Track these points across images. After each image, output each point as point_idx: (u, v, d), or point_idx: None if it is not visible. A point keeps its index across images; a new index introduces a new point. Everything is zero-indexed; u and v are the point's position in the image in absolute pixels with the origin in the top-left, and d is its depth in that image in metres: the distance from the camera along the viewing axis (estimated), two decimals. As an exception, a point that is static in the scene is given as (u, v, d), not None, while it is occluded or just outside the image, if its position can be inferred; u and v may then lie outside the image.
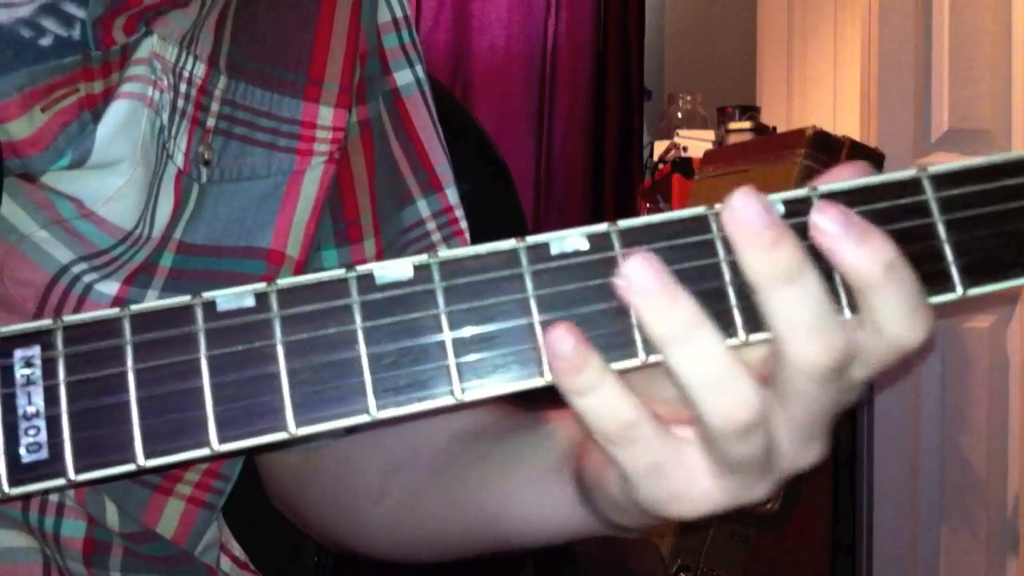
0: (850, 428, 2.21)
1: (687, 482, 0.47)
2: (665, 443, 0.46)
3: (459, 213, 0.79)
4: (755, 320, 0.44)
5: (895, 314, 0.44)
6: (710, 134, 2.85)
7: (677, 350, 0.43)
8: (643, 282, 0.42)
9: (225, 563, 0.77)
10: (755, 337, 0.44)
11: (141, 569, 0.67)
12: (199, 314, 0.44)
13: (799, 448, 0.47)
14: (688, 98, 3.20)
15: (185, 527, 0.71)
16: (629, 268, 0.43)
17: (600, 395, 0.44)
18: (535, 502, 0.60)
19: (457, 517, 0.66)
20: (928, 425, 2.23)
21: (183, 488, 0.71)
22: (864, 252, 0.43)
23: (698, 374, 0.43)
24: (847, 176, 0.47)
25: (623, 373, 0.45)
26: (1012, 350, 2.13)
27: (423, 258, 0.44)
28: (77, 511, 0.64)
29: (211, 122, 0.68)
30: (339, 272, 0.44)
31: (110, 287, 0.63)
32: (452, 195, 0.79)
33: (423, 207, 0.78)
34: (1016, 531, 2.04)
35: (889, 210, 0.45)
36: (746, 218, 0.43)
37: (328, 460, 0.74)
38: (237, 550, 0.79)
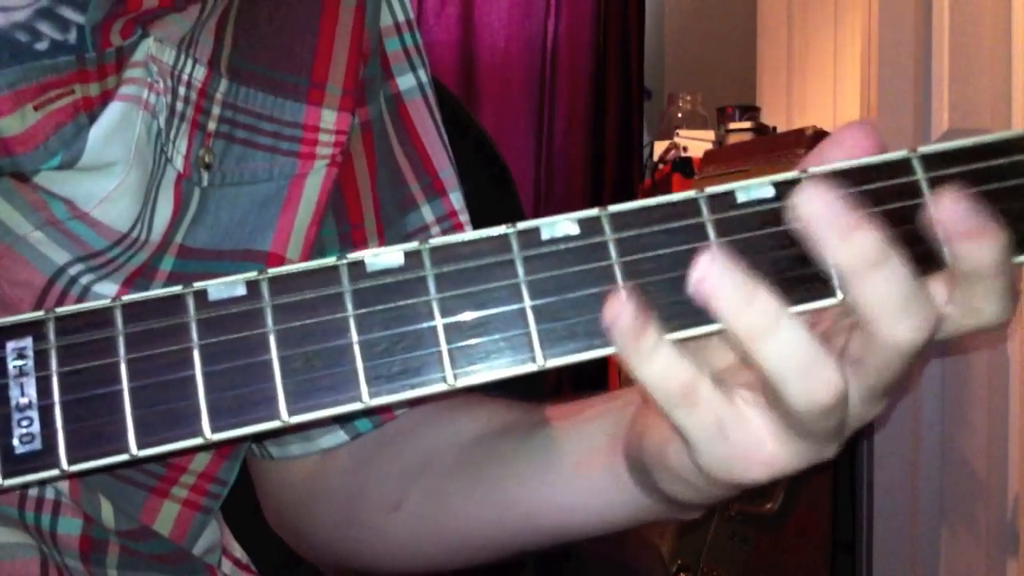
0: (850, 428, 2.21)
1: (753, 444, 0.47)
2: (727, 403, 0.46)
3: (464, 218, 0.79)
4: None
5: (992, 299, 0.45)
6: (710, 134, 2.85)
7: (763, 344, 0.43)
8: (718, 286, 0.43)
9: (227, 565, 0.77)
10: None
11: (139, 567, 0.67)
12: (191, 303, 0.44)
13: (867, 407, 0.48)
14: (688, 98, 3.20)
15: (181, 529, 0.71)
16: (702, 270, 0.43)
17: (659, 359, 0.44)
18: (584, 490, 0.60)
19: (487, 515, 0.66)
20: (928, 425, 2.22)
21: (178, 491, 0.70)
22: (982, 249, 0.44)
23: (785, 363, 0.43)
24: (852, 136, 0.47)
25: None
26: (1012, 350, 2.13)
27: (414, 245, 0.44)
28: (73, 509, 0.63)
29: (212, 125, 0.68)
30: (330, 260, 0.44)
31: (108, 289, 0.63)
32: (456, 200, 0.79)
33: (427, 212, 0.77)
34: (1016, 531, 2.03)
35: (880, 191, 0.45)
36: (820, 210, 0.43)
37: (335, 477, 0.74)
38: (238, 551, 0.79)
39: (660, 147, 2.93)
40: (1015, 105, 2.15)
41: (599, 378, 2.98)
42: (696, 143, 2.74)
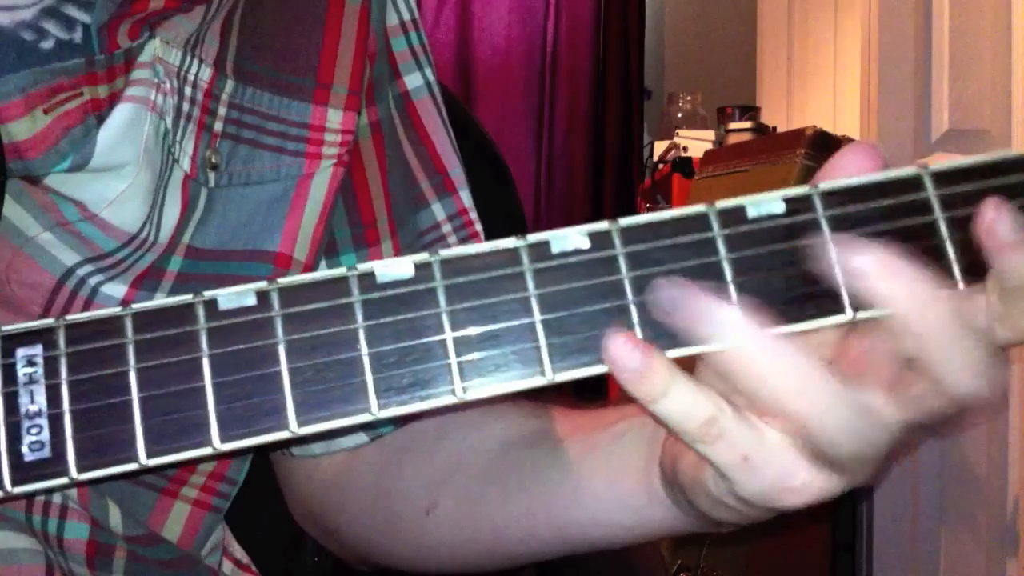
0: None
1: (784, 475, 0.46)
2: (751, 435, 0.46)
3: (474, 215, 0.79)
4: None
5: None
6: (710, 134, 2.85)
7: (759, 365, 0.43)
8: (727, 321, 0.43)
9: (227, 566, 0.77)
10: None
11: (144, 572, 0.67)
12: (201, 313, 0.44)
13: (908, 438, 0.47)
14: (688, 98, 3.21)
15: (191, 530, 0.71)
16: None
17: (673, 397, 0.44)
18: (619, 505, 0.60)
19: (521, 524, 0.65)
20: (928, 425, 2.22)
21: (188, 491, 0.71)
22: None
23: (815, 412, 0.44)
24: (855, 160, 0.47)
25: (695, 370, 0.46)
26: (1012, 350, 2.13)
27: (424, 256, 0.44)
28: (80, 513, 0.64)
29: (218, 126, 0.68)
30: (340, 271, 0.44)
31: (117, 289, 0.63)
32: (466, 197, 0.79)
33: (438, 210, 0.78)
34: (1016, 531, 2.04)
35: (890, 208, 0.45)
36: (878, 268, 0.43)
37: (363, 476, 0.74)
38: (239, 552, 0.79)
39: (660, 147, 2.94)
40: (1015, 105, 2.15)
41: (598, 381, 2.99)
42: (696, 143, 2.74)
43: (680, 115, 3.18)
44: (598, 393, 0.63)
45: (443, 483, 0.70)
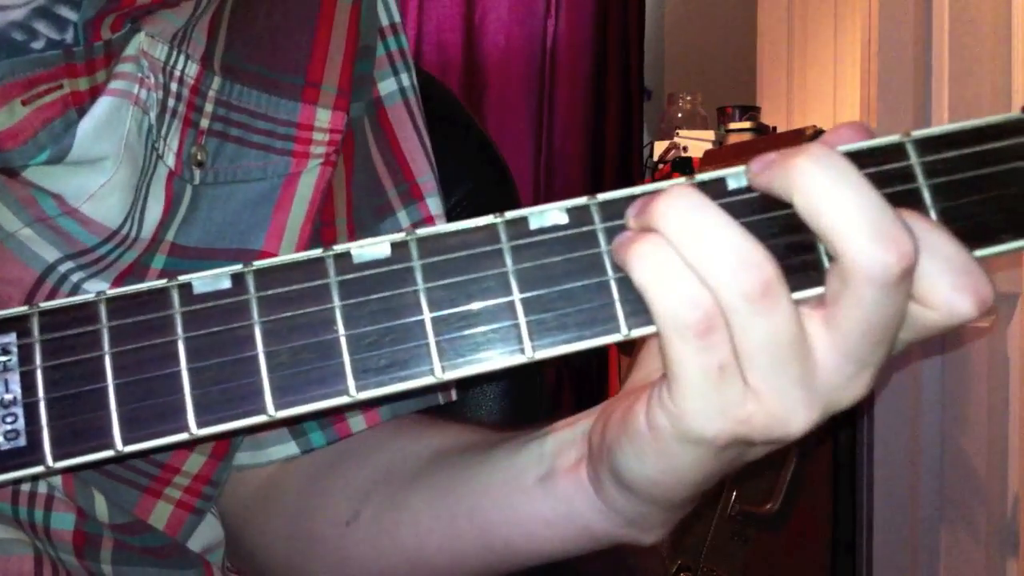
0: (850, 428, 2.21)
1: (738, 400, 0.44)
2: (731, 351, 0.43)
3: (440, 223, 0.77)
4: None
5: (935, 284, 0.43)
6: (710, 134, 2.85)
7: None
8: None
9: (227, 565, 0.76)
10: None
11: (133, 561, 0.66)
12: (175, 297, 0.43)
13: (844, 375, 0.44)
14: (688, 98, 3.20)
15: (172, 529, 0.70)
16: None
17: (668, 260, 0.42)
18: (547, 502, 0.57)
19: (443, 528, 0.63)
20: (928, 425, 2.22)
21: (172, 492, 0.70)
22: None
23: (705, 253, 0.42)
24: (845, 135, 0.46)
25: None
26: (1012, 350, 2.12)
27: (401, 236, 0.44)
28: (66, 504, 0.63)
29: (205, 123, 0.68)
30: (316, 252, 0.43)
31: (99, 287, 0.62)
32: (434, 205, 0.78)
33: (403, 218, 0.77)
34: (1016, 531, 2.03)
35: (873, 176, 0.44)
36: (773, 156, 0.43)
37: (289, 491, 0.72)
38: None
39: (660, 147, 2.93)
40: (1015, 105, 2.15)
41: (600, 380, 2.98)
42: (696, 143, 2.74)
43: (680, 115, 3.17)
44: (599, 391, 0.61)
45: (369, 493, 0.67)
